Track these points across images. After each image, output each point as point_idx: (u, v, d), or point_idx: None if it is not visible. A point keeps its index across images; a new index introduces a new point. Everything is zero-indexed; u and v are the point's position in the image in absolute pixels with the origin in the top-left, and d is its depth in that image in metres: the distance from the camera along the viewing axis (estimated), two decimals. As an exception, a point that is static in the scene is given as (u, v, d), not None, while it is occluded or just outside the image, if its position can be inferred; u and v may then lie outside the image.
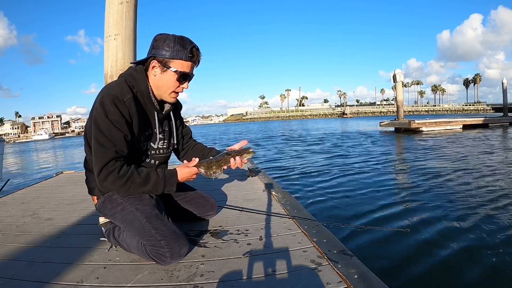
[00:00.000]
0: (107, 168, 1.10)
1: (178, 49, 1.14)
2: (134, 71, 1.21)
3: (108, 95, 1.11)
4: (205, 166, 1.24)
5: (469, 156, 7.16)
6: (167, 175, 1.21)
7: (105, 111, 1.10)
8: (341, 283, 0.98)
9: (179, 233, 1.21)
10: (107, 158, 1.10)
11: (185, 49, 1.15)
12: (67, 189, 2.73)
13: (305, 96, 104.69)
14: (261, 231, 1.46)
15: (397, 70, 17.71)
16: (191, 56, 1.16)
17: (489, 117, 20.22)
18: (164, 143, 1.35)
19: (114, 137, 1.11)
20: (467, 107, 71.88)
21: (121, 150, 1.13)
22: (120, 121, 1.11)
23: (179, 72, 1.17)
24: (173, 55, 1.15)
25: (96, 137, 1.11)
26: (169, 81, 1.19)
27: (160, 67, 1.17)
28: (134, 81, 1.19)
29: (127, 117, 1.13)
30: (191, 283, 1.02)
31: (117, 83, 1.18)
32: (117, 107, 1.10)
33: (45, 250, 1.36)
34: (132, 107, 1.15)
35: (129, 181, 1.13)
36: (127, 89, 1.15)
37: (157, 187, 1.19)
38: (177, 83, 1.20)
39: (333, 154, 8.74)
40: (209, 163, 1.25)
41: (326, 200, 4.01)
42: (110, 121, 1.10)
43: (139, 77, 1.20)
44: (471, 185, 4.39)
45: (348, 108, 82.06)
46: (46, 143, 39.34)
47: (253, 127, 37.49)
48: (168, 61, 1.16)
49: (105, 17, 2.63)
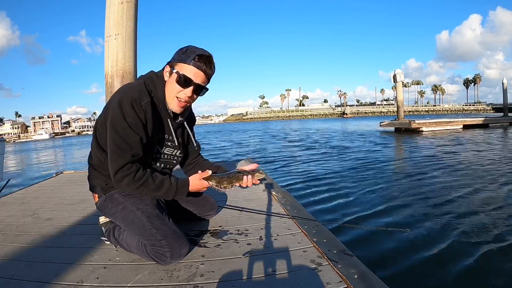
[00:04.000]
0: (123, 171, 1.12)
1: (187, 54, 1.15)
2: (155, 75, 1.22)
3: (127, 97, 1.11)
4: (216, 180, 1.26)
5: (469, 156, 7.17)
6: (180, 184, 1.22)
7: (122, 113, 1.10)
8: (341, 283, 0.98)
9: (179, 233, 1.21)
10: (124, 161, 1.12)
11: (193, 55, 1.14)
12: (67, 189, 2.73)
13: (305, 96, 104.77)
14: (261, 231, 1.46)
15: (397, 70, 17.74)
16: (197, 62, 1.14)
17: (489, 117, 20.23)
18: (174, 150, 1.35)
19: (131, 139, 1.11)
20: (467, 107, 71.92)
21: (137, 153, 1.14)
22: (137, 124, 1.12)
23: (180, 74, 1.15)
24: (180, 59, 1.15)
25: (113, 139, 1.11)
26: (172, 84, 1.18)
27: (169, 71, 1.18)
28: (152, 85, 1.19)
29: (143, 120, 1.13)
30: (191, 283, 1.02)
31: (136, 84, 1.18)
32: (134, 110, 1.11)
33: (45, 250, 1.36)
34: (148, 111, 1.15)
35: (142, 186, 1.16)
36: (145, 92, 1.16)
37: (168, 194, 1.21)
38: (178, 87, 1.17)
39: (333, 154, 8.74)
40: (221, 178, 1.26)
41: (326, 200, 4.01)
42: (128, 123, 1.10)
43: (158, 82, 1.20)
44: (471, 185, 4.39)
45: (348, 108, 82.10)
46: (46, 143, 39.33)
47: (253, 127, 37.51)
48: (174, 64, 1.17)
49: (106, 17, 2.64)
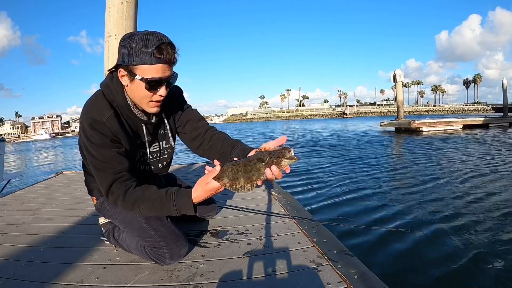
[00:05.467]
0: (112, 192, 1.04)
1: (141, 51, 0.93)
2: (110, 81, 1.06)
3: (86, 119, 1.02)
4: (229, 177, 0.90)
5: (469, 156, 7.17)
6: (179, 205, 1.00)
7: (87, 137, 1.03)
8: (341, 283, 0.98)
9: (178, 233, 1.21)
10: (108, 182, 1.04)
11: (148, 49, 0.92)
12: (67, 189, 2.73)
13: (305, 96, 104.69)
14: (261, 231, 1.46)
15: (397, 70, 17.76)
16: (158, 57, 0.94)
17: (489, 117, 20.22)
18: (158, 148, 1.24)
19: (106, 157, 1.03)
20: (467, 107, 71.84)
21: (120, 169, 1.04)
22: (105, 143, 1.03)
23: (147, 80, 0.96)
24: (136, 60, 0.94)
25: (91, 161, 1.06)
26: (139, 91, 1.00)
27: (127, 76, 0.99)
28: (111, 94, 1.05)
29: (111, 136, 1.04)
30: (191, 283, 1.02)
31: (94, 98, 1.06)
32: (97, 130, 1.01)
33: (45, 250, 1.36)
34: (113, 124, 1.03)
35: (135, 206, 1.05)
36: (105, 105, 1.04)
37: (170, 211, 1.03)
38: (149, 93, 1.00)
39: (333, 154, 8.74)
40: (235, 172, 0.89)
41: (326, 200, 4.01)
42: (96, 145, 1.03)
43: (116, 88, 1.05)
44: (471, 185, 4.40)
45: (348, 108, 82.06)
46: (46, 143, 39.34)
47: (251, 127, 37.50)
48: (132, 68, 0.96)
49: (106, 17, 2.63)
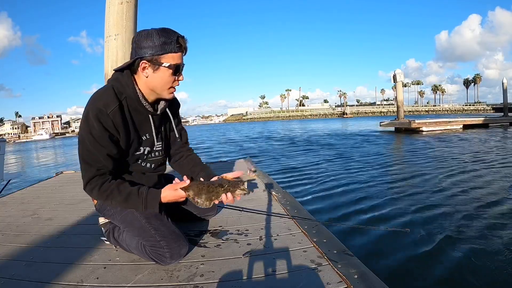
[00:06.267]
0: (90, 183, 1.12)
1: (166, 42, 1.09)
2: (121, 76, 1.16)
3: (93, 109, 1.09)
4: (195, 191, 1.13)
5: (469, 156, 7.17)
6: (149, 198, 1.15)
7: (89, 127, 1.09)
8: (341, 283, 0.98)
9: (178, 233, 1.21)
10: (90, 175, 1.11)
11: (171, 40, 1.10)
12: (67, 189, 2.73)
13: (305, 96, 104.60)
14: (261, 231, 1.46)
15: (397, 70, 17.77)
16: (179, 46, 1.12)
17: (489, 117, 20.24)
18: (160, 145, 1.32)
19: (97, 153, 1.10)
20: (467, 107, 71.82)
21: (104, 166, 1.12)
22: (103, 136, 1.09)
23: (173, 66, 1.12)
24: (162, 50, 1.10)
25: (81, 153, 1.12)
26: (164, 78, 1.14)
27: (151, 66, 1.12)
28: (121, 86, 1.14)
29: (111, 130, 1.11)
30: (191, 283, 1.02)
31: (103, 91, 1.14)
32: (100, 122, 1.08)
33: (45, 250, 1.36)
34: (117, 117, 1.11)
35: (109, 198, 1.14)
36: (112, 97, 1.12)
37: (136, 207, 1.16)
38: (173, 78, 1.16)
39: (333, 154, 8.74)
40: (200, 189, 1.13)
41: (326, 200, 4.01)
42: (93, 137, 1.09)
43: (126, 81, 1.15)
44: (471, 185, 4.39)
45: (348, 108, 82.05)
46: (46, 143, 39.34)
47: (250, 127, 37.51)
48: (158, 58, 1.11)
49: (105, 17, 2.64)
